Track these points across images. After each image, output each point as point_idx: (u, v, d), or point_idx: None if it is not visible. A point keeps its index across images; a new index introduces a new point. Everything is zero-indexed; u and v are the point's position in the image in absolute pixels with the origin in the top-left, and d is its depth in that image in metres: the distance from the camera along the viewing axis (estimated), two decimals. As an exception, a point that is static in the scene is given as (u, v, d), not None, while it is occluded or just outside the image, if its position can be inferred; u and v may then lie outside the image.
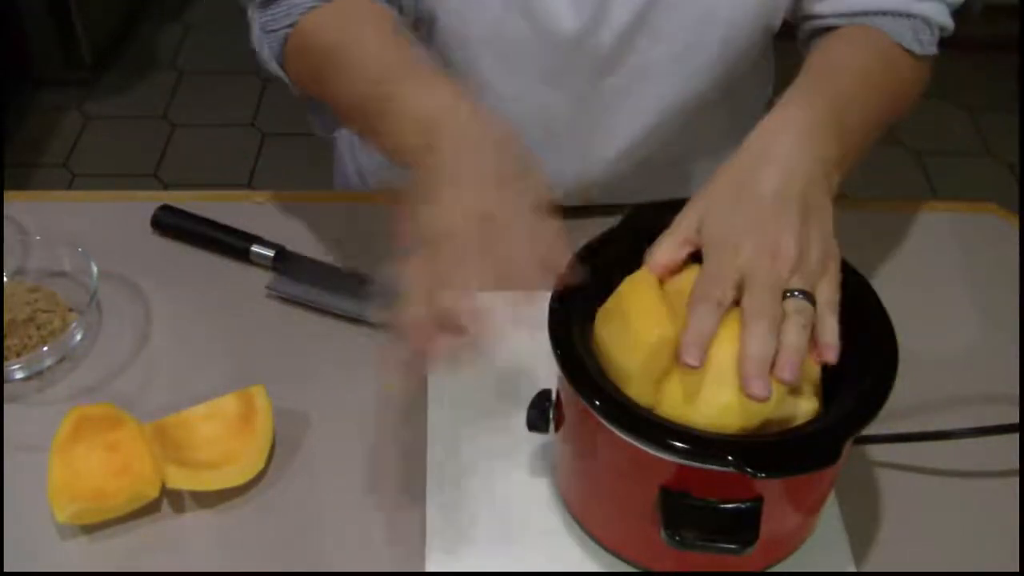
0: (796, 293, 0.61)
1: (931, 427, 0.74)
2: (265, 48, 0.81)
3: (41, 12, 2.30)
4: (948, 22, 0.83)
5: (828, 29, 0.85)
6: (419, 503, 0.72)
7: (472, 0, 0.83)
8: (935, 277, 0.91)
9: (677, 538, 0.60)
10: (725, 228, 0.64)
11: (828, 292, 0.63)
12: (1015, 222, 0.97)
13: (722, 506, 0.60)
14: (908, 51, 0.81)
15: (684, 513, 0.60)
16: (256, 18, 0.81)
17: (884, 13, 0.82)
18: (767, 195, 0.65)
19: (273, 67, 0.81)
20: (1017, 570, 0.71)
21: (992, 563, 0.71)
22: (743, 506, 0.60)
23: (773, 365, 0.59)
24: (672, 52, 0.86)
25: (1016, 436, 0.77)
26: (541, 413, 0.69)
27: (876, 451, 0.76)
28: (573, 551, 0.70)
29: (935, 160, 2.35)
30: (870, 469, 0.76)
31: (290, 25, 0.78)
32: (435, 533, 0.70)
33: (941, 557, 0.71)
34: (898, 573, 0.70)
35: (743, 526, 0.60)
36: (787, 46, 0.93)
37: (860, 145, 0.74)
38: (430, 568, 0.69)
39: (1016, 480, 0.76)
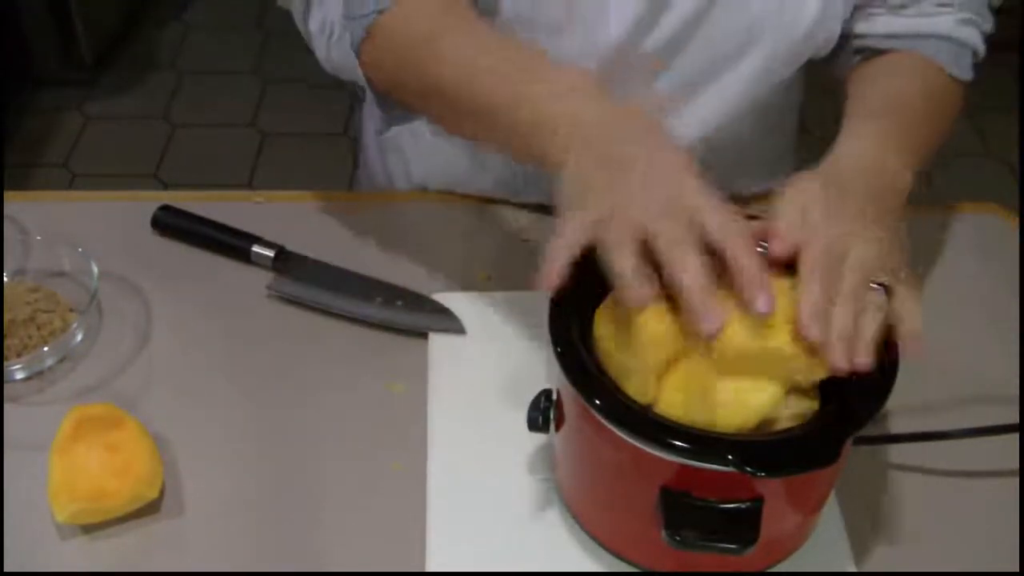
0: (877, 286, 0.62)
1: (931, 427, 0.74)
2: (344, 35, 0.78)
3: (41, 12, 2.29)
4: (981, 47, 0.86)
5: (870, 49, 0.87)
6: (419, 503, 0.72)
7: (535, 10, 0.82)
8: (935, 277, 0.91)
9: (678, 538, 0.60)
10: (831, 208, 0.63)
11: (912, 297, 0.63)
12: (1015, 222, 0.97)
13: (722, 506, 0.60)
14: (951, 76, 0.84)
15: (685, 513, 0.60)
16: (335, 6, 0.78)
17: (927, 36, 0.85)
18: (870, 196, 0.66)
19: (341, 58, 0.79)
20: (1017, 570, 0.71)
21: (992, 563, 0.71)
22: (743, 506, 0.60)
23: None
24: (716, 63, 0.86)
25: (1016, 436, 0.77)
26: (541, 413, 0.69)
27: (876, 451, 0.76)
28: (573, 551, 0.70)
29: (935, 160, 2.35)
30: (870, 469, 0.76)
31: (378, 11, 0.75)
32: (435, 533, 0.70)
33: (941, 557, 0.71)
34: (898, 573, 0.70)
35: (743, 526, 0.60)
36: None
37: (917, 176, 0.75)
38: (430, 568, 0.69)
39: (1016, 480, 0.76)
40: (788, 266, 0.62)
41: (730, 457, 0.56)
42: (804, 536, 0.68)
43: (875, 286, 0.61)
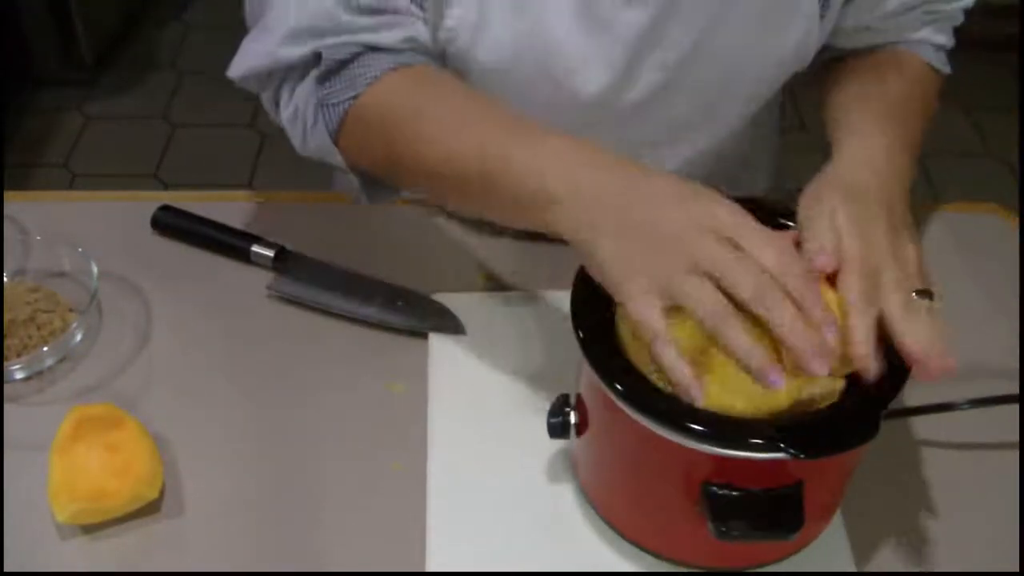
0: (917, 295, 0.63)
1: (932, 429, 0.75)
2: (319, 123, 0.77)
3: (41, 12, 2.30)
4: (952, 42, 0.89)
5: (846, 52, 0.88)
6: (419, 503, 0.72)
7: (502, 69, 0.81)
8: (935, 277, 0.91)
9: (724, 529, 0.60)
10: (857, 224, 0.64)
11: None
12: (1015, 222, 0.97)
13: (765, 493, 0.60)
14: (933, 69, 0.86)
15: (729, 504, 0.60)
16: (305, 97, 0.78)
17: (904, 42, 0.87)
18: (886, 204, 0.67)
19: (319, 145, 0.78)
20: (1017, 570, 0.71)
21: (992, 563, 0.71)
22: (786, 491, 0.60)
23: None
24: (699, 108, 0.86)
25: (1016, 448, 0.77)
26: (562, 420, 0.68)
27: (876, 452, 0.76)
28: (573, 550, 0.70)
29: (935, 160, 2.35)
30: (870, 469, 0.76)
31: (353, 96, 0.75)
32: (435, 533, 0.70)
33: (941, 557, 0.71)
34: (898, 573, 0.70)
35: (788, 511, 0.60)
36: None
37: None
38: (430, 568, 0.69)
39: (1016, 481, 0.76)
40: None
41: (781, 444, 0.57)
42: (826, 524, 0.69)
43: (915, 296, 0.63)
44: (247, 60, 0.80)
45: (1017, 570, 0.71)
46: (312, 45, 0.76)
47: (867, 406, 0.59)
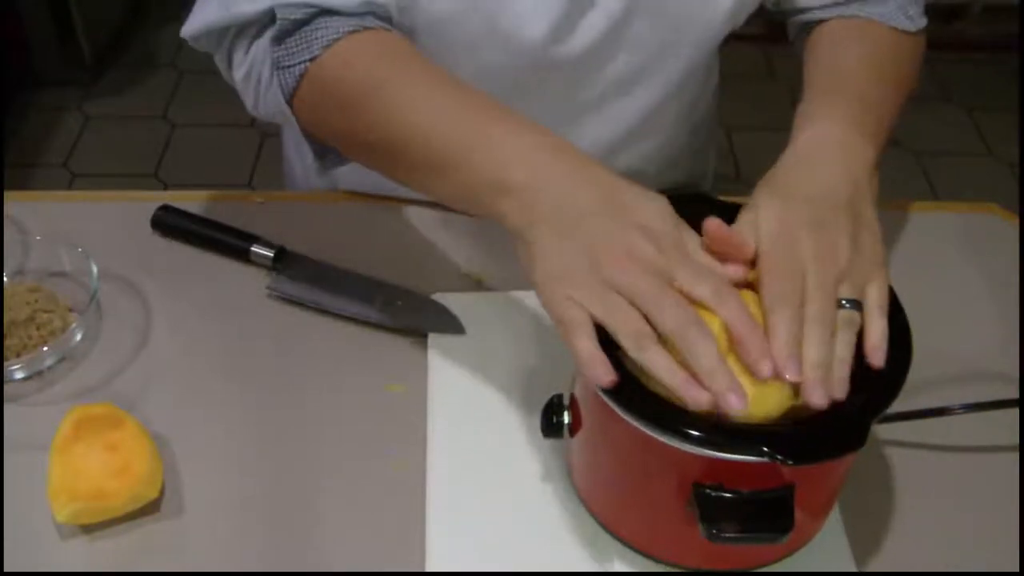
0: (846, 303, 0.61)
1: (933, 430, 0.75)
2: (274, 85, 0.75)
3: (41, 12, 2.30)
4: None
5: (817, 22, 0.87)
6: (419, 503, 0.72)
7: (449, 19, 0.80)
8: (935, 277, 0.91)
9: (715, 531, 0.60)
10: (781, 225, 0.63)
11: (877, 296, 0.63)
12: (1015, 222, 0.97)
13: (755, 495, 0.60)
14: (903, 31, 0.84)
15: (720, 506, 0.60)
16: (262, 56, 0.75)
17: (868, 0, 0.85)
18: (818, 198, 0.65)
19: (272, 108, 0.76)
20: (1017, 570, 0.71)
21: (993, 563, 0.71)
22: (777, 494, 0.60)
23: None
24: (644, 62, 0.86)
25: (1016, 451, 0.77)
26: (556, 419, 0.68)
27: (876, 452, 0.76)
28: (574, 550, 0.70)
29: (935, 160, 2.35)
30: (871, 469, 0.76)
31: (309, 59, 0.73)
32: (435, 533, 0.70)
33: (942, 557, 0.71)
34: (898, 573, 0.70)
35: (778, 514, 0.60)
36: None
37: (886, 141, 0.75)
38: (430, 568, 0.69)
39: (1016, 482, 0.76)
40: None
41: (765, 448, 0.57)
42: (819, 526, 0.69)
43: (845, 303, 0.61)
44: (202, 16, 0.78)
45: (1017, 570, 0.71)
46: (268, 2, 0.73)
47: (858, 414, 0.59)
